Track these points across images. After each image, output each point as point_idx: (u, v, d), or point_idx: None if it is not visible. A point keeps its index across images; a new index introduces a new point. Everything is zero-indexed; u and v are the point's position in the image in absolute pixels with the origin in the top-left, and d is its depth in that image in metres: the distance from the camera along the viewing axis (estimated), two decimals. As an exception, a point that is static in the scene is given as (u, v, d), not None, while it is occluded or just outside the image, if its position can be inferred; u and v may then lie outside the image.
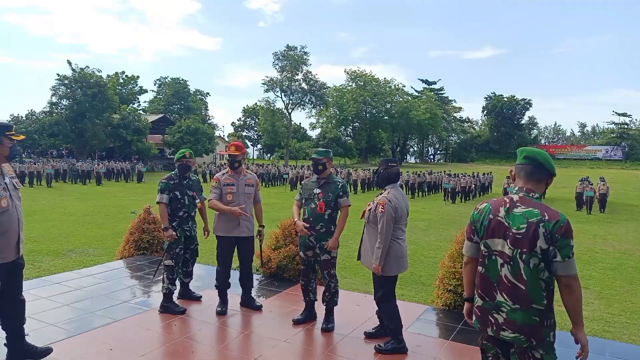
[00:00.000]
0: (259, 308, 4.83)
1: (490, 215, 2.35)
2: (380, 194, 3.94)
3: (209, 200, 4.78)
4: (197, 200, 4.97)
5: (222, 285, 4.79)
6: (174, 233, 4.74)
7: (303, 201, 4.44)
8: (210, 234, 5.06)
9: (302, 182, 4.66)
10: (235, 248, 4.80)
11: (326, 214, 4.28)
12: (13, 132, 3.35)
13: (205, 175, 33.55)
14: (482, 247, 2.37)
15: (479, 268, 2.40)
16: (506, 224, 2.28)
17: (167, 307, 4.73)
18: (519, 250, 2.22)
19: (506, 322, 2.27)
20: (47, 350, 3.67)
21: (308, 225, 4.29)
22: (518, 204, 2.30)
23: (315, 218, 4.29)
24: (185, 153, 4.97)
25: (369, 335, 4.17)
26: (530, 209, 2.26)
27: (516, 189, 2.37)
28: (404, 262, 3.91)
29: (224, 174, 4.80)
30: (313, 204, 4.31)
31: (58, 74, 41.37)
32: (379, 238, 3.77)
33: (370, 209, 3.91)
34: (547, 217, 2.22)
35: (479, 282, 2.39)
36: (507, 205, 2.32)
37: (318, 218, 4.28)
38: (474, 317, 2.44)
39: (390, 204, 3.77)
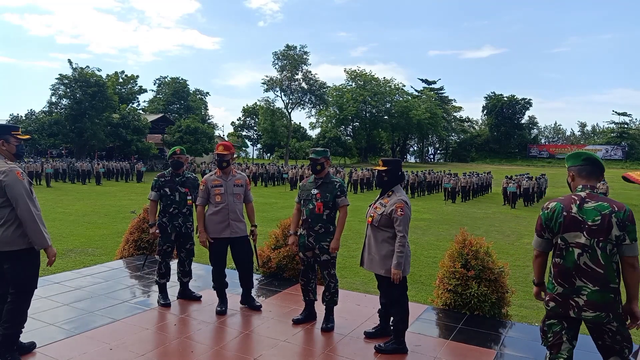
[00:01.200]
0: (258, 308, 4.83)
1: (564, 213, 2.67)
2: (388, 195, 3.89)
3: (196, 205, 4.79)
4: (189, 197, 4.98)
5: (218, 286, 4.80)
6: (157, 231, 4.94)
7: (301, 202, 4.44)
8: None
9: (301, 183, 4.66)
10: (231, 249, 4.79)
11: (324, 214, 4.28)
12: (19, 132, 3.57)
13: (205, 174, 33.47)
14: (558, 241, 2.69)
15: (556, 260, 2.71)
16: (580, 218, 2.62)
17: (158, 299, 4.98)
18: (596, 239, 2.57)
19: (587, 304, 2.59)
20: (32, 346, 3.79)
21: (296, 247, 4.46)
22: (587, 199, 2.65)
23: (313, 219, 4.29)
24: (175, 149, 5.06)
25: (368, 335, 4.16)
26: (600, 202, 2.62)
27: (580, 187, 2.72)
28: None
29: (212, 174, 4.78)
30: (311, 204, 4.31)
31: (60, 74, 41.37)
32: (399, 242, 3.70)
33: (382, 213, 3.80)
34: (616, 208, 2.59)
35: (556, 272, 2.70)
36: (578, 202, 2.66)
37: (316, 218, 4.28)
38: (552, 303, 2.72)
39: (407, 206, 3.79)
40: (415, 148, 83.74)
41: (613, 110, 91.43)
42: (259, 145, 77.33)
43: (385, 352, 3.86)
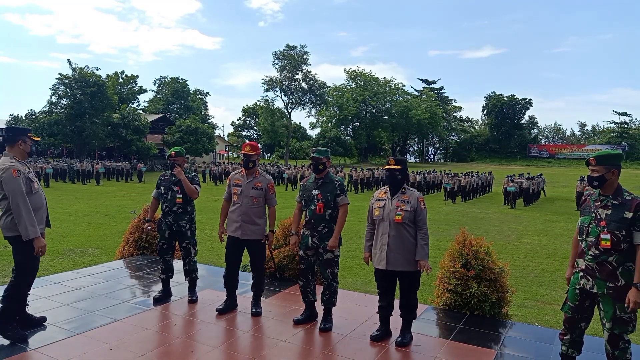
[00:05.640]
0: (256, 314, 4.70)
1: None
2: (402, 192, 4.02)
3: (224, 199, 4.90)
4: (179, 195, 5.01)
5: (225, 284, 4.81)
6: (148, 227, 5.29)
7: (303, 202, 4.45)
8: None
9: (301, 183, 4.66)
10: (247, 251, 4.81)
11: (326, 214, 4.30)
12: (32, 135, 4.20)
13: (205, 174, 33.56)
14: None
15: None
16: None
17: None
18: None
19: None
20: (42, 319, 4.31)
21: (297, 245, 4.51)
22: None
23: (316, 219, 4.30)
24: (170, 152, 5.18)
25: (374, 339, 4.14)
26: None
27: None
28: None
29: (237, 172, 4.84)
30: (313, 205, 4.32)
31: (60, 74, 41.36)
32: (426, 233, 3.97)
33: (410, 210, 3.94)
34: None
35: None
36: None
37: (319, 219, 4.30)
38: None
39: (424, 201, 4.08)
40: (415, 148, 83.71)
41: (613, 110, 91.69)
42: (259, 145, 77.30)
43: (407, 344, 4.03)
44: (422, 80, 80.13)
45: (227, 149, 68.61)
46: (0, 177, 3.89)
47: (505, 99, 72.79)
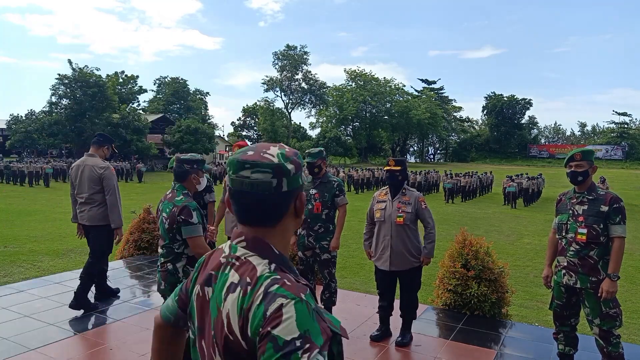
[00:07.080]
0: None
1: None
2: (403, 193, 4.03)
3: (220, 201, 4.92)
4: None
5: None
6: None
7: None
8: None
9: None
10: None
11: (323, 214, 4.29)
12: (113, 145, 5.06)
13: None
14: None
15: None
16: None
17: None
18: None
19: None
20: (117, 290, 5.11)
21: (296, 247, 4.50)
22: None
23: (312, 218, 4.29)
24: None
25: (374, 339, 4.15)
26: None
27: None
28: None
29: None
30: (310, 204, 4.31)
31: (59, 74, 41.35)
32: (432, 231, 4.00)
33: (411, 211, 3.96)
34: None
35: None
36: None
37: (315, 218, 4.29)
38: None
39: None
40: (415, 148, 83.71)
41: (613, 110, 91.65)
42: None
43: (407, 344, 4.03)
44: (422, 80, 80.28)
45: (227, 149, 68.59)
46: (103, 174, 4.59)
47: (505, 99, 72.83)
